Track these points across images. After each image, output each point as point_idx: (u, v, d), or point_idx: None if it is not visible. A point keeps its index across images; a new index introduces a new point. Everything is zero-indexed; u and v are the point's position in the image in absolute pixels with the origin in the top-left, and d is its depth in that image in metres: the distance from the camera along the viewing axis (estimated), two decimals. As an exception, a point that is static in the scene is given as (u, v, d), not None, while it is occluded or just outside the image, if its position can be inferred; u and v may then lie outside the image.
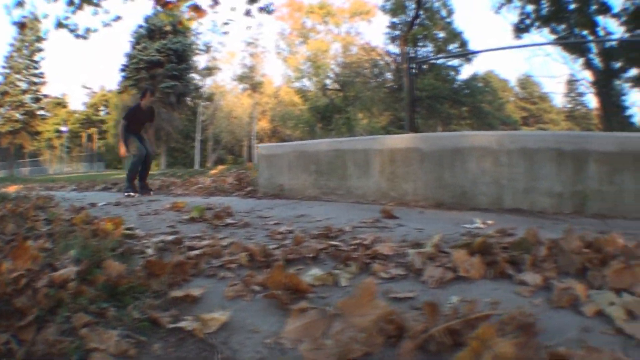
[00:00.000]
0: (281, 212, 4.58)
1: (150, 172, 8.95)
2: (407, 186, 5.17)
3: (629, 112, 27.01)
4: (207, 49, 38.97)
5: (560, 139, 4.55)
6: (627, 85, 24.86)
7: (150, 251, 2.76)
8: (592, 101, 36.69)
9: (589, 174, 4.31)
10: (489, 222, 3.49)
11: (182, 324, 1.65)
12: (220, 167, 16.49)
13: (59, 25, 8.35)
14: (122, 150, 7.96)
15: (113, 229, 3.23)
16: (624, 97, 26.09)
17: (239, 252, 2.58)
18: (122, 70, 36.25)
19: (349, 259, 2.34)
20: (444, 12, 36.58)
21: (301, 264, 2.41)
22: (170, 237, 3.10)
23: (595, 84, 25.15)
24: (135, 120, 8.04)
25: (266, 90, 44.56)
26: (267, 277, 2.00)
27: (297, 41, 42.57)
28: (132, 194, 7.75)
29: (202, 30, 38.34)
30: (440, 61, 34.90)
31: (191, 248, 2.79)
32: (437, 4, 36.30)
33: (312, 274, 2.17)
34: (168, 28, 33.01)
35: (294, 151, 6.40)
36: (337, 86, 39.40)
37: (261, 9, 9.05)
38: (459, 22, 79.53)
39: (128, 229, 3.47)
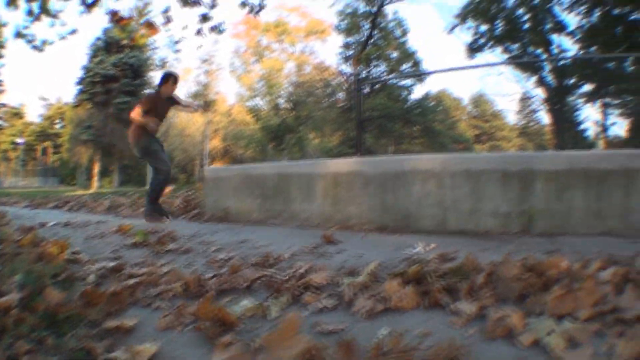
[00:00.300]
0: (224, 237, 4.54)
1: (102, 191, 8.53)
2: (351, 210, 5.17)
3: (582, 127, 28.01)
4: (163, 64, 38.67)
5: (506, 160, 4.59)
6: (580, 100, 25.75)
7: (92, 278, 2.73)
8: (545, 117, 37.85)
9: (536, 193, 4.34)
10: (431, 246, 3.45)
11: (114, 355, 1.66)
12: (168, 189, 16.27)
13: (18, 34, 8.16)
14: (152, 124, 6.24)
15: (58, 252, 3.20)
16: (577, 113, 27.04)
17: (175, 281, 2.54)
18: (78, 83, 35.64)
19: (282, 290, 2.31)
20: (398, 32, 37.26)
21: (234, 294, 2.37)
22: (112, 264, 3.05)
23: (548, 100, 25.99)
24: (152, 112, 6.29)
25: (219, 108, 44.33)
26: (198, 309, 1.98)
27: (252, 59, 42.61)
28: (159, 217, 6.28)
29: (159, 45, 38.11)
30: (392, 81, 35.46)
31: (131, 275, 2.75)
32: (391, 24, 36.96)
33: (243, 304, 2.13)
34: (125, 42, 32.71)
35: (240, 174, 6.37)
36: (289, 105, 39.56)
37: (212, 28, 8.95)
38: (413, 42, 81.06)
39: (73, 252, 3.44)
